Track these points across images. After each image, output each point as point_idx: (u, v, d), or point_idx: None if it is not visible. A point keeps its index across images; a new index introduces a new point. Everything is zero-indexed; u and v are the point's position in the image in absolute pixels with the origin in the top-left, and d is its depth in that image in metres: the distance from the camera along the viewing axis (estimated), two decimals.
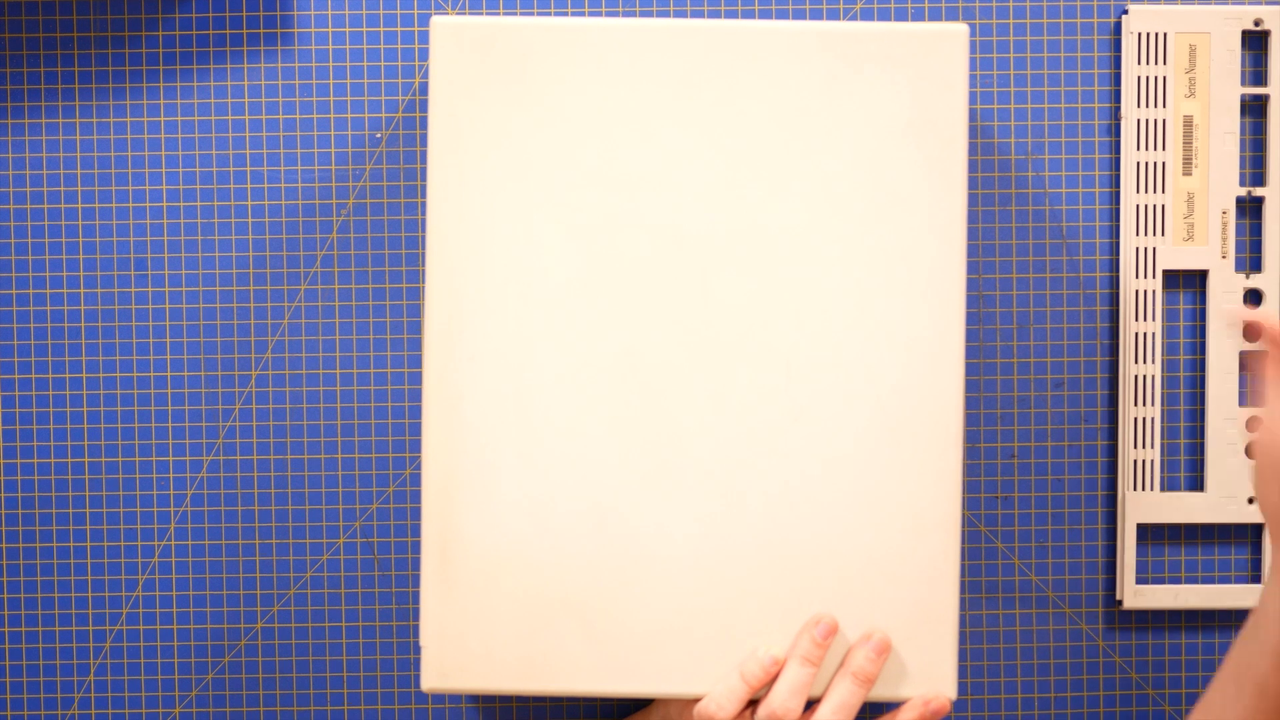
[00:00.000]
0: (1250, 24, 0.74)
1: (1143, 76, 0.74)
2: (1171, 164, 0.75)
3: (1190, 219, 0.75)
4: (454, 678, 0.68)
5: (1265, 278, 0.75)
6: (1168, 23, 0.74)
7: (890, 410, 0.68)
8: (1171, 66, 0.74)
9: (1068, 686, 0.76)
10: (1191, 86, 0.74)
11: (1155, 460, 0.75)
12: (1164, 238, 0.75)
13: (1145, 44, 0.74)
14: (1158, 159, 0.75)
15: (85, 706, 0.76)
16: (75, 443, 0.76)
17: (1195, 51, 0.74)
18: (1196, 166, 0.75)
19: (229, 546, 0.76)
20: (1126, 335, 0.75)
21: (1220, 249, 0.75)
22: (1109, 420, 0.76)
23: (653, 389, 0.68)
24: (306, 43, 0.75)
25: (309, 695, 0.76)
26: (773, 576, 0.68)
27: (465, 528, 0.68)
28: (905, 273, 0.68)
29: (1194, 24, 0.74)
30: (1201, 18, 0.74)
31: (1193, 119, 0.75)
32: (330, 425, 0.76)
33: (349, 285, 0.76)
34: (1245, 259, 0.76)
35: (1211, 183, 0.75)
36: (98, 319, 0.76)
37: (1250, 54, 0.75)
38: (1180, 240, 0.75)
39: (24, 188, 0.76)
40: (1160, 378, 0.75)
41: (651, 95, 0.68)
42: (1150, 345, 0.75)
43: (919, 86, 0.67)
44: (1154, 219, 0.75)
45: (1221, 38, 0.74)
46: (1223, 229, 0.75)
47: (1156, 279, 0.75)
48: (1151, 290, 0.75)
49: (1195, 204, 0.75)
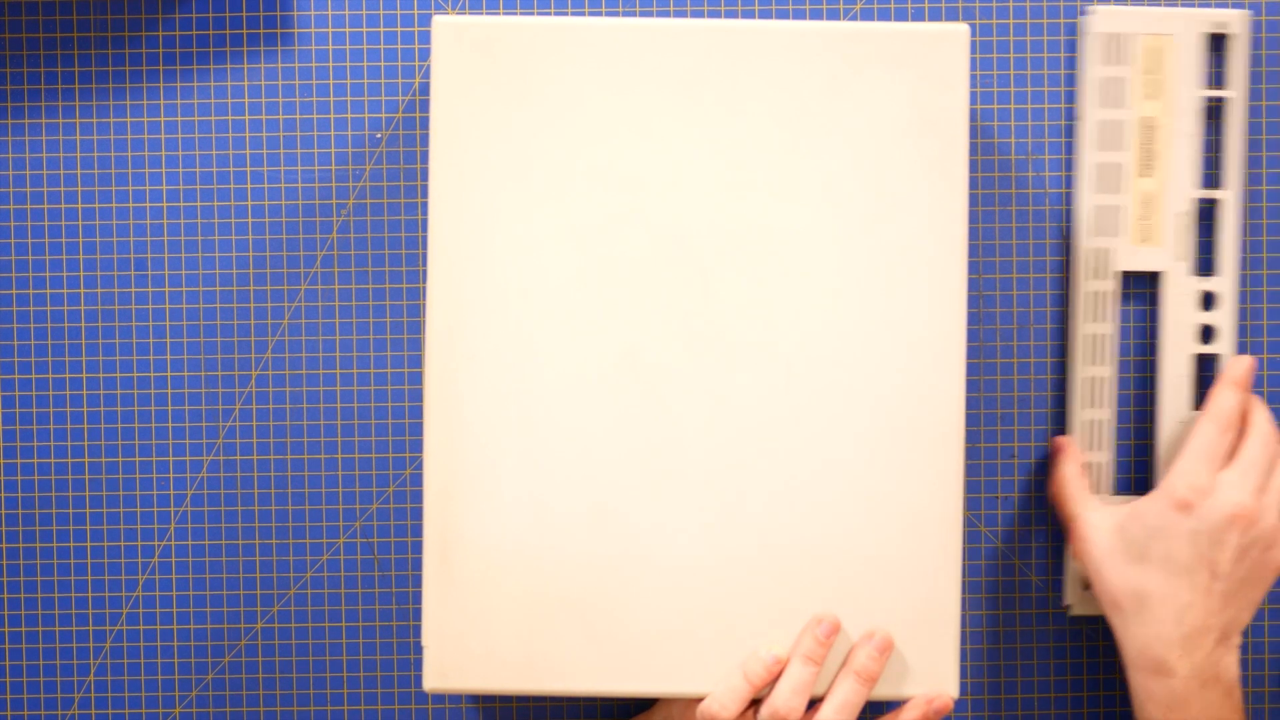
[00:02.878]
0: (1213, 27, 0.74)
1: (1103, 77, 0.74)
2: (1130, 165, 0.74)
3: (1147, 220, 0.74)
4: (455, 678, 0.68)
5: (1220, 281, 0.75)
6: (1130, 24, 0.74)
7: (891, 409, 0.68)
8: (1132, 67, 0.74)
9: (1068, 687, 0.76)
10: (1152, 88, 0.74)
11: (1105, 463, 0.75)
12: (1120, 239, 0.74)
13: (1107, 44, 0.74)
14: (1116, 159, 0.74)
15: (85, 706, 0.76)
16: (75, 443, 0.76)
17: (1157, 53, 0.74)
18: (1155, 168, 0.74)
19: (229, 546, 0.76)
20: (1079, 336, 0.75)
21: (1175, 251, 0.74)
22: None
23: (654, 389, 0.68)
24: (306, 43, 0.75)
25: (309, 695, 0.76)
26: (774, 576, 0.68)
27: (466, 528, 0.68)
28: (906, 273, 0.68)
29: (1156, 26, 0.74)
30: (1164, 19, 0.74)
31: (1153, 120, 0.74)
32: (330, 425, 0.76)
33: (349, 285, 0.76)
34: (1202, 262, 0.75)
35: (1169, 184, 0.74)
36: (98, 319, 0.76)
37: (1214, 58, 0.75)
38: (1136, 242, 0.74)
39: (24, 188, 0.75)
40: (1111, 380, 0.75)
41: (652, 95, 0.68)
42: (1102, 347, 0.75)
43: (920, 86, 0.67)
44: (1110, 220, 0.74)
45: (1183, 40, 0.74)
46: (1179, 231, 0.74)
47: (1111, 279, 0.75)
48: (1105, 291, 0.75)
49: (1152, 205, 0.74)
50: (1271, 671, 0.76)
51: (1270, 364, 0.76)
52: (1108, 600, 0.70)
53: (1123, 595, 0.69)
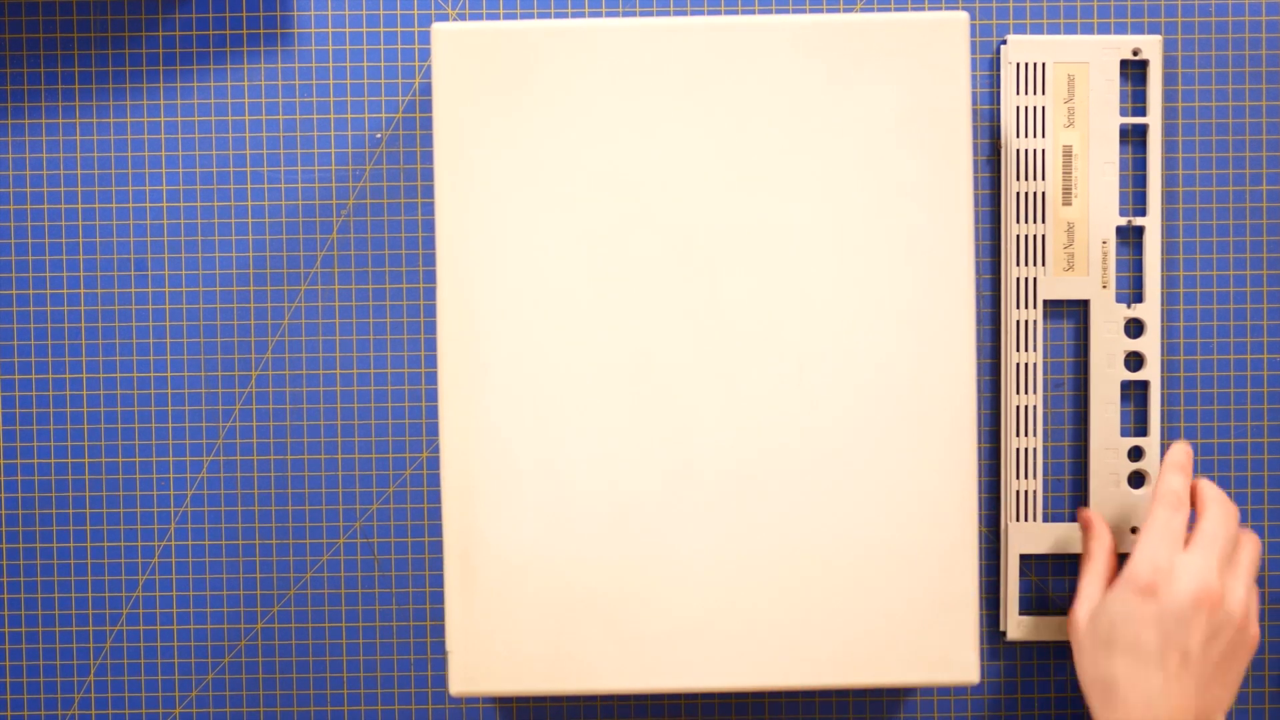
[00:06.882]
0: (1129, 53, 0.73)
1: (1021, 106, 0.73)
2: (1051, 194, 0.74)
3: (1070, 249, 0.74)
4: (481, 681, 0.68)
5: (1146, 308, 0.74)
6: (1046, 52, 0.73)
7: (904, 401, 0.68)
8: (1050, 96, 0.73)
9: (1068, 687, 0.76)
10: (1070, 116, 0.73)
11: (1037, 491, 0.75)
12: (1044, 268, 0.74)
13: (1023, 74, 0.73)
14: (1037, 189, 0.74)
15: (85, 706, 0.76)
16: (75, 443, 0.76)
17: (1074, 81, 0.73)
18: (1076, 196, 0.73)
19: (229, 546, 0.76)
20: (1008, 365, 0.74)
21: (1101, 279, 0.74)
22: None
23: (667, 388, 0.68)
24: (306, 43, 0.75)
25: (309, 695, 0.76)
26: (793, 569, 0.68)
27: (486, 532, 0.68)
28: (914, 263, 0.68)
29: (1072, 54, 0.73)
30: (1080, 47, 0.73)
31: (1072, 149, 0.73)
32: (330, 425, 0.76)
33: (349, 285, 0.76)
34: (1128, 290, 0.75)
35: (1092, 212, 0.73)
36: (98, 319, 0.76)
37: (1132, 84, 0.75)
38: (1061, 270, 0.74)
39: (24, 188, 0.76)
40: (1041, 409, 0.74)
41: (654, 94, 0.68)
42: (1031, 375, 0.74)
43: (921, 75, 0.67)
44: (1034, 249, 0.74)
45: (1100, 67, 0.73)
46: (1103, 259, 0.74)
47: (1037, 309, 0.74)
48: (1032, 320, 0.74)
49: (1075, 234, 0.73)
50: (1272, 672, 0.76)
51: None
52: (1084, 685, 0.69)
53: (1093, 684, 0.68)
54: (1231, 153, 0.75)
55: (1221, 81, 0.75)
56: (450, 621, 0.68)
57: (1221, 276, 0.76)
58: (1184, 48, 0.75)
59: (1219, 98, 0.75)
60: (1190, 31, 0.75)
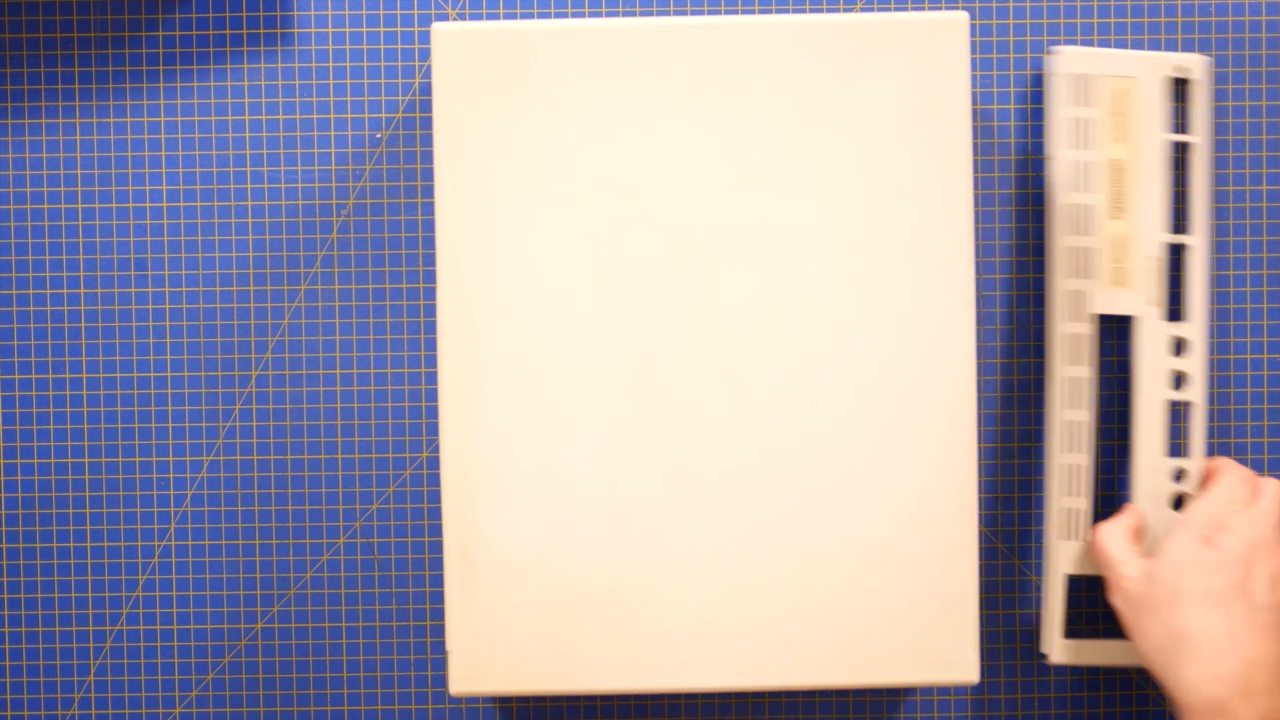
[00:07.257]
0: (1174, 71, 0.73)
1: (1073, 118, 0.73)
2: (1102, 206, 0.73)
3: (1120, 264, 0.73)
4: (481, 681, 0.68)
5: (1190, 327, 0.74)
6: (1095, 65, 0.73)
7: (904, 401, 0.68)
8: (1100, 109, 0.73)
9: (1068, 687, 0.76)
10: (1120, 130, 0.73)
11: (1084, 509, 0.74)
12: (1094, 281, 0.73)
13: (1073, 85, 0.73)
14: (1088, 200, 0.73)
15: (85, 706, 0.76)
16: (75, 443, 0.76)
17: (1123, 95, 0.73)
18: (1126, 211, 0.73)
19: (229, 546, 0.76)
20: (1059, 379, 0.74)
21: (1147, 295, 0.73)
22: None
23: (668, 388, 0.68)
24: (306, 43, 0.75)
25: (309, 696, 0.76)
26: (793, 569, 0.68)
27: (486, 531, 0.68)
28: (914, 263, 0.68)
29: (1121, 68, 0.73)
30: (1128, 62, 0.73)
31: (1123, 162, 0.73)
32: (330, 425, 0.76)
33: (349, 285, 0.76)
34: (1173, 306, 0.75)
35: (1139, 228, 0.73)
36: (98, 319, 0.76)
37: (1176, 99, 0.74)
38: (1110, 285, 0.73)
39: (24, 188, 0.76)
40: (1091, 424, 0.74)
41: (654, 94, 0.68)
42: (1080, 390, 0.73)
43: (921, 75, 0.67)
44: (1084, 262, 0.73)
45: (1147, 83, 0.73)
46: (1153, 275, 0.73)
47: (1087, 323, 0.73)
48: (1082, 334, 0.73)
49: (1123, 248, 0.73)
50: None
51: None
52: (1152, 650, 0.67)
53: (1165, 640, 0.67)
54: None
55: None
56: (450, 621, 0.68)
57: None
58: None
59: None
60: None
